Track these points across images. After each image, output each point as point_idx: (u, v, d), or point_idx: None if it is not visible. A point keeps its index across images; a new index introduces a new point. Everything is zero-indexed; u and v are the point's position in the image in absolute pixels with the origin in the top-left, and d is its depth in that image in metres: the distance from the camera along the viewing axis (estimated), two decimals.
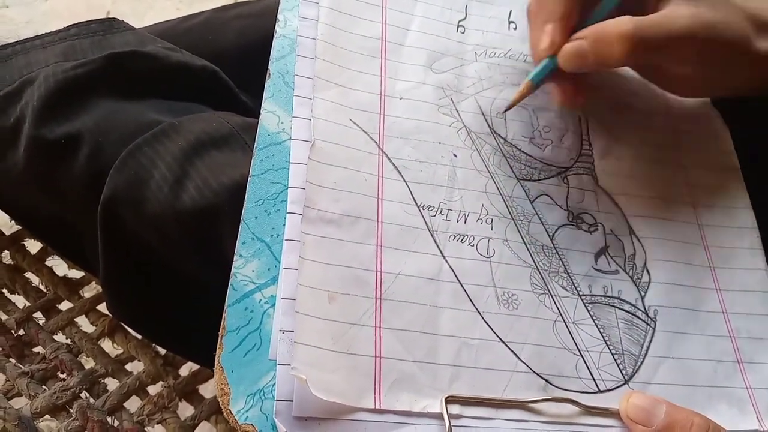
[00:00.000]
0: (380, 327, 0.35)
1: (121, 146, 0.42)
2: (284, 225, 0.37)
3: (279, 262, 0.36)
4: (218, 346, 0.34)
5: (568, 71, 0.39)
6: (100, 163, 0.43)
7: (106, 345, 0.55)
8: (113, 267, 0.46)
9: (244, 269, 0.36)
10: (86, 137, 0.43)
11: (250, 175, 0.38)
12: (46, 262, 0.58)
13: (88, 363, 0.53)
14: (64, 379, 0.50)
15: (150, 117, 0.44)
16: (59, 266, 0.58)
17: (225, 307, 0.35)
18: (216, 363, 0.34)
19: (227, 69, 0.52)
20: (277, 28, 0.45)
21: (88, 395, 0.50)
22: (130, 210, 0.42)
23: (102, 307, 0.56)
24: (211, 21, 0.57)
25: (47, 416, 0.48)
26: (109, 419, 0.50)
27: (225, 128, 0.43)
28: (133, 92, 0.46)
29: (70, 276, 0.58)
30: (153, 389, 0.53)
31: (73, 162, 0.44)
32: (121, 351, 0.54)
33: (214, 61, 0.51)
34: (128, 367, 0.54)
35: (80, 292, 0.57)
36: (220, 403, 0.33)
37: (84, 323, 0.56)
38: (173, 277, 0.46)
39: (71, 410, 0.48)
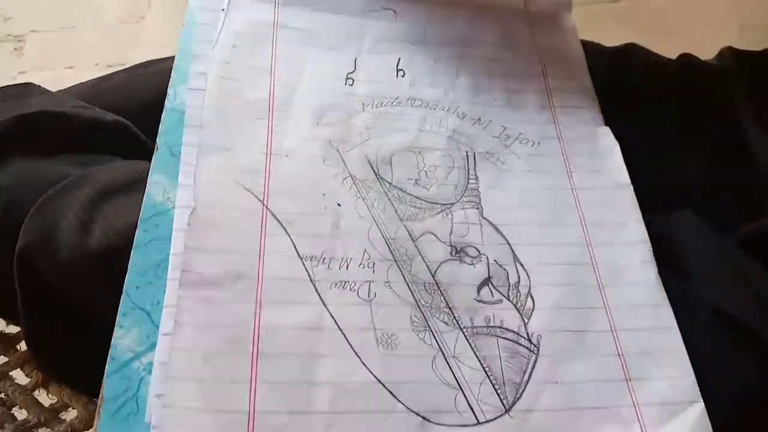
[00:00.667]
0: (256, 382, 0.37)
1: (34, 201, 0.45)
2: (164, 293, 0.39)
3: (157, 329, 0.38)
4: (96, 416, 0.36)
5: None
6: (14, 217, 0.45)
7: (42, 396, 0.57)
8: (33, 320, 0.48)
9: (123, 339, 0.38)
10: (7, 186, 0.46)
11: (133, 245, 0.40)
12: None
13: (22, 415, 0.55)
14: None
15: (62, 171, 0.46)
16: None
17: (104, 378, 0.37)
18: (94, 429, 0.36)
19: (146, 121, 0.54)
20: (166, 103, 0.46)
21: None
22: (43, 259, 0.44)
23: None
24: (129, 78, 0.60)
25: None
26: None
27: (131, 175, 0.45)
28: (45, 150, 0.48)
29: (6, 332, 0.60)
30: None
31: None
32: (56, 400, 0.56)
33: (134, 114, 0.53)
34: (63, 415, 0.56)
35: (17, 346, 0.59)
36: None
37: (19, 376, 0.57)
38: (90, 324, 0.47)
39: None
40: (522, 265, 0.45)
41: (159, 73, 0.59)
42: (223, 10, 0.50)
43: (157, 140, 0.45)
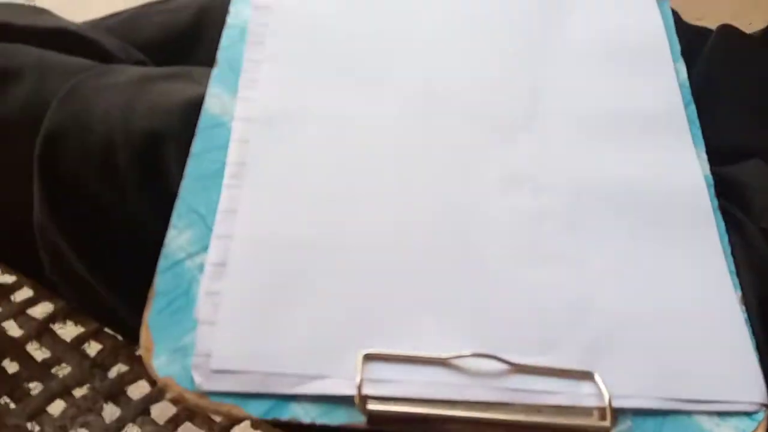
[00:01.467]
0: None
1: (65, 81, 0.42)
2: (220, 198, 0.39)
3: (211, 231, 0.38)
4: (146, 306, 0.36)
5: None
6: (41, 96, 0.43)
7: (34, 350, 0.55)
8: (50, 211, 0.44)
9: (177, 239, 0.38)
10: (27, 70, 0.43)
11: (190, 153, 0.40)
12: None
13: (13, 368, 0.53)
14: None
15: (92, 63, 0.44)
16: None
17: (156, 272, 0.37)
18: (143, 321, 0.35)
19: (150, 58, 0.52)
20: (228, 19, 0.47)
21: (8, 400, 0.51)
22: (74, 141, 0.41)
23: (32, 311, 0.56)
24: (133, 17, 0.58)
25: None
26: (29, 425, 0.50)
27: (169, 69, 0.43)
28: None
29: (1, 282, 0.58)
30: (79, 392, 0.53)
31: (10, 95, 0.44)
32: (49, 355, 0.54)
33: (139, 49, 0.52)
34: (55, 371, 0.54)
35: (11, 297, 0.57)
36: (144, 360, 0.35)
37: (12, 327, 0.56)
38: (112, 222, 0.44)
39: None
40: None
41: (169, 11, 0.57)
42: None
43: (217, 55, 0.45)
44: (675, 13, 0.55)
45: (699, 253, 0.39)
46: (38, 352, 0.55)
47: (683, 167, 0.42)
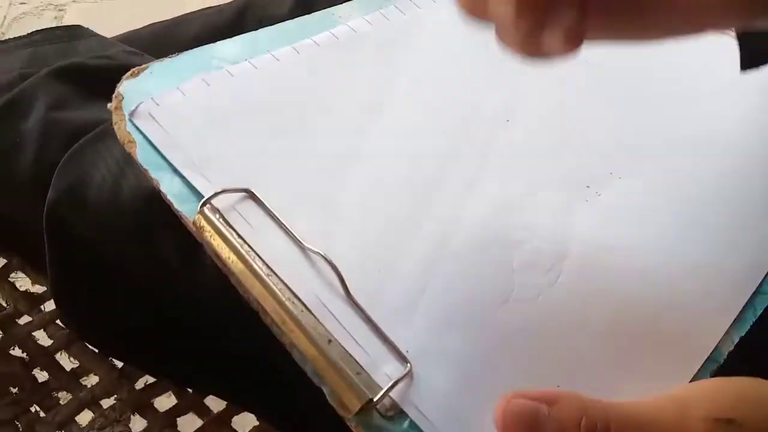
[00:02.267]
0: None
1: (66, 147, 0.43)
2: None
3: None
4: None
5: None
6: (44, 165, 0.44)
7: (63, 359, 0.55)
8: (62, 273, 0.47)
9: None
10: (29, 139, 0.44)
11: None
12: (9, 278, 0.58)
13: (43, 377, 0.54)
14: (15, 394, 0.51)
15: (98, 116, 0.45)
16: (22, 280, 0.59)
17: None
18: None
19: None
20: None
21: (38, 409, 0.51)
22: (74, 212, 0.43)
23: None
24: (174, 21, 0.59)
25: None
26: None
27: None
28: (89, 92, 0.47)
29: (32, 291, 0.58)
30: (107, 403, 0.54)
31: (17, 165, 0.45)
32: (77, 365, 0.55)
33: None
34: (84, 381, 0.54)
35: (42, 306, 0.58)
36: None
37: (42, 337, 0.56)
38: (121, 281, 0.46)
39: (18, 424, 0.49)
40: None
41: (209, 13, 0.58)
42: None
43: None
44: None
45: None
46: (67, 362, 0.55)
47: None
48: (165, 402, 0.56)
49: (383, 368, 0.30)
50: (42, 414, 0.51)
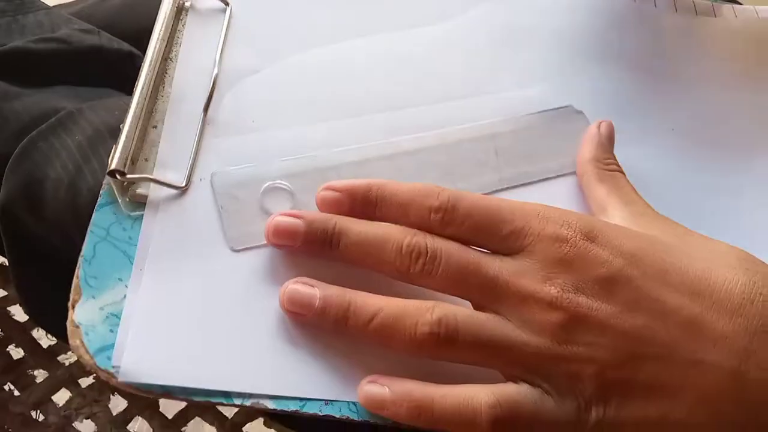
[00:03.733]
0: None
1: (15, 140, 0.40)
2: None
3: None
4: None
5: None
6: None
7: (40, 336, 0.53)
8: (22, 272, 0.44)
9: None
10: None
11: None
12: None
13: (18, 354, 0.51)
14: None
15: (50, 105, 0.41)
16: None
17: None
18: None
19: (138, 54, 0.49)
20: None
21: (12, 387, 0.49)
22: (30, 214, 0.39)
23: None
24: (128, 4, 0.54)
25: None
26: (33, 413, 0.48)
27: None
28: (36, 79, 0.43)
29: (5, 264, 0.56)
30: (85, 381, 0.52)
31: None
32: (54, 342, 0.53)
33: (137, 39, 0.48)
34: (61, 359, 0.52)
35: None
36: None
37: (18, 312, 0.54)
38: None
39: None
40: None
41: None
42: None
43: None
44: None
45: None
46: (44, 339, 0.53)
47: None
48: None
49: (168, 173, 0.29)
50: (16, 393, 0.48)
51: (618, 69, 0.39)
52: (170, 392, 0.25)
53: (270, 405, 0.26)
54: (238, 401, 0.26)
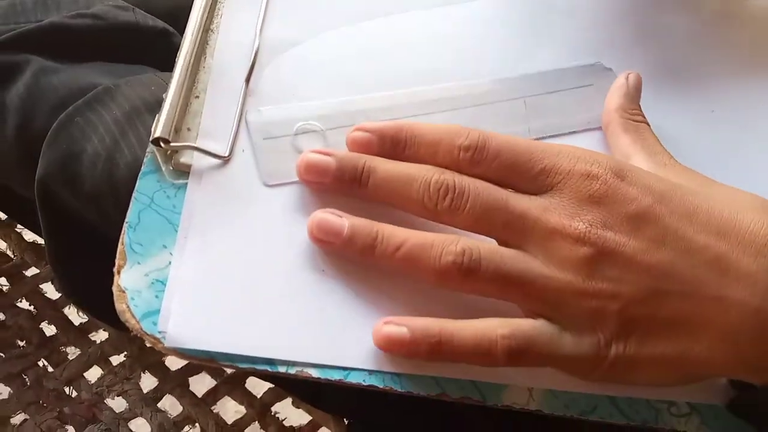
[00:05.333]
0: None
1: (52, 115, 0.40)
2: None
3: None
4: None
5: None
6: (31, 133, 0.41)
7: (72, 314, 0.53)
8: (57, 247, 0.44)
9: None
10: (15, 104, 0.41)
11: None
12: (16, 228, 0.56)
13: (51, 331, 0.52)
14: (22, 347, 0.49)
15: (86, 81, 0.41)
16: (29, 231, 0.57)
17: None
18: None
19: (183, 25, 0.49)
20: None
21: (46, 363, 0.49)
22: (67, 188, 0.39)
23: None
24: None
25: (0, 384, 0.47)
26: (66, 389, 0.49)
27: (163, 91, 0.40)
28: (73, 55, 0.43)
29: (39, 242, 0.56)
30: (116, 359, 0.52)
31: (1, 132, 0.42)
32: (86, 319, 0.53)
33: (170, 16, 0.48)
34: (92, 336, 0.53)
35: None
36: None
37: (50, 290, 0.54)
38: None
39: (26, 378, 0.47)
40: None
41: None
42: None
43: None
44: None
45: None
46: (76, 317, 0.54)
47: None
48: (177, 360, 0.54)
49: (210, 143, 0.29)
50: (50, 369, 0.49)
51: (657, 50, 0.39)
52: (215, 358, 0.25)
53: (314, 374, 0.26)
54: (282, 369, 0.26)
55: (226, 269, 0.27)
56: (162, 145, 0.28)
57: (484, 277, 0.25)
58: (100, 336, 0.53)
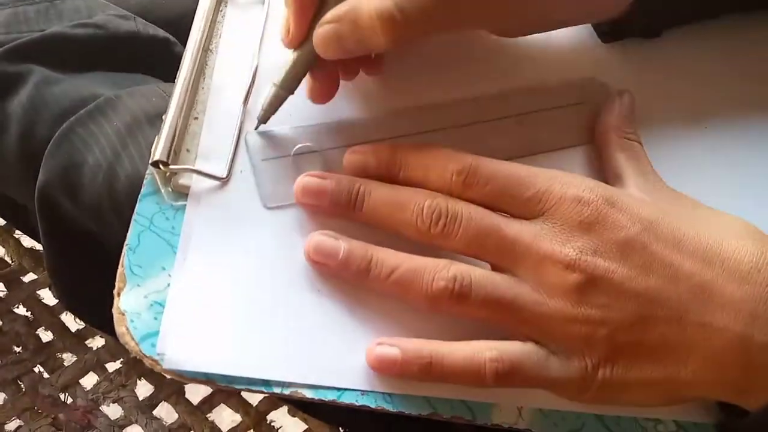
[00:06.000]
0: None
1: (54, 125, 0.40)
2: None
3: None
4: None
5: (328, 59, 0.30)
6: (32, 143, 0.41)
7: (68, 320, 0.54)
8: (56, 255, 0.44)
9: None
10: (18, 114, 0.41)
11: None
12: (14, 234, 0.57)
13: (47, 337, 0.52)
14: (18, 353, 0.50)
15: (88, 91, 0.42)
16: (27, 237, 0.57)
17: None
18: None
19: (184, 33, 0.49)
20: None
21: (42, 370, 0.50)
22: (67, 197, 0.40)
23: None
24: None
25: None
26: (61, 395, 0.49)
27: (164, 103, 0.40)
28: (75, 64, 0.44)
29: (37, 248, 0.57)
30: (112, 366, 0.52)
31: (4, 142, 0.42)
32: (83, 326, 0.53)
33: (171, 25, 0.48)
34: (89, 343, 0.53)
35: None
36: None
37: (47, 296, 0.55)
38: (116, 266, 0.44)
39: (21, 384, 0.47)
40: None
41: None
42: None
43: None
44: None
45: None
46: (72, 323, 0.54)
47: None
48: None
49: (209, 164, 0.29)
50: (46, 375, 0.49)
51: (653, 68, 0.39)
52: (213, 380, 0.26)
53: (308, 394, 0.26)
54: (277, 390, 0.26)
55: (224, 290, 0.27)
56: (161, 167, 0.28)
57: (475, 303, 0.26)
58: (97, 342, 0.53)
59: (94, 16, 0.44)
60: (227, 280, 0.27)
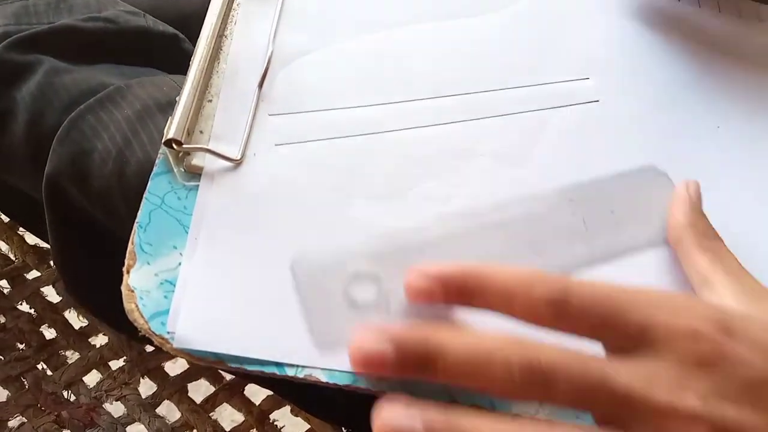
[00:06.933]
0: None
1: (63, 113, 0.40)
2: None
3: None
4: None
5: None
6: (41, 131, 0.41)
7: (72, 317, 0.53)
8: (63, 244, 0.44)
9: None
10: (27, 102, 0.41)
11: None
12: (18, 231, 0.56)
13: (51, 334, 0.52)
14: (22, 350, 0.49)
15: (98, 81, 0.42)
16: (31, 234, 0.57)
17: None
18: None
19: (193, 32, 0.49)
20: None
21: (45, 367, 0.49)
22: (75, 185, 0.40)
23: None
24: None
25: None
26: (65, 393, 0.48)
27: (175, 92, 0.40)
28: (84, 56, 0.44)
29: (41, 245, 0.56)
30: (115, 364, 0.52)
31: (11, 129, 0.42)
32: (86, 323, 0.53)
33: (180, 24, 0.49)
34: (92, 340, 0.53)
35: (50, 261, 0.56)
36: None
37: (51, 293, 0.54)
38: (125, 257, 0.44)
39: (24, 381, 0.47)
40: None
41: None
42: None
43: None
44: None
45: None
46: (76, 320, 0.53)
47: None
48: (176, 365, 0.54)
49: (222, 146, 0.29)
50: (49, 372, 0.49)
51: (660, 67, 0.39)
52: (223, 360, 0.25)
53: (323, 378, 0.26)
54: (290, 372, 0.26)
55: (236, 271, 0.27)
56: (174, 146, 0.28)
57: None
58: (100, 340, 0.53)
59: (104, 11, 0.44)
60: (239, 261, 0.27)
